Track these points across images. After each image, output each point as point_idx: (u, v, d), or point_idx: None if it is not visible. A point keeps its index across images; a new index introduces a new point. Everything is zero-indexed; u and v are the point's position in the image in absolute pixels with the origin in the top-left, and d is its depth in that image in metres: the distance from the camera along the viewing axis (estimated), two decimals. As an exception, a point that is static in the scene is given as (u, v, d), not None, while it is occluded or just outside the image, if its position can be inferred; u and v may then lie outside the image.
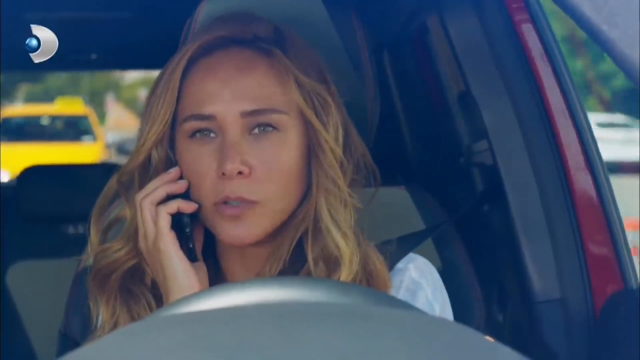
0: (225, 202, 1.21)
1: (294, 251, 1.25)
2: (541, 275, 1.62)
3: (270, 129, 1.22)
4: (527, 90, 1.67)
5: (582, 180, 1.64)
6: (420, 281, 1.30)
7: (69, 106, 15.38)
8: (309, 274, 1.25)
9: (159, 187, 1.24)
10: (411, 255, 1.34)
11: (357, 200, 1.26)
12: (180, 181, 1.24)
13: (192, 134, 1.23)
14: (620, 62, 0.88)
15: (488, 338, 0.78)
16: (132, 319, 1.27)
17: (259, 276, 1.26)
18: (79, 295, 1.57)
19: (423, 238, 1.49)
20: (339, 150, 1.24)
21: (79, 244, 1.65)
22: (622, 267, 1.62)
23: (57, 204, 3.07)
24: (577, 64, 20.28)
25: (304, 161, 1.25)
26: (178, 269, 1.22)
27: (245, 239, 1.22)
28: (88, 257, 1.60)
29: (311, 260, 1.24)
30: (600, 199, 1.63)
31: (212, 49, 1.25)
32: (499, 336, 1.66)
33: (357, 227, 1.26)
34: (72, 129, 14.06)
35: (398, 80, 2.27)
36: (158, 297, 1.28)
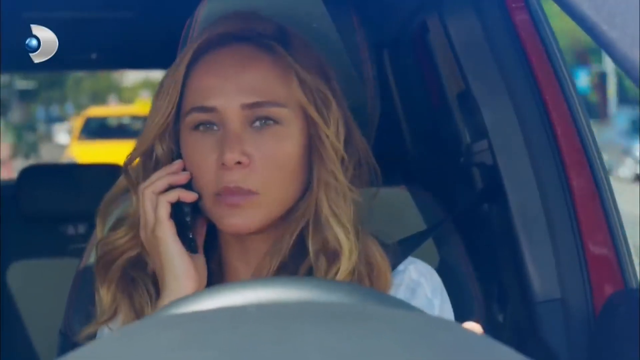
0: (225, 194, 1.23)
1: (295, 245, 1.27)
2: (541, 275, 1.62)
3: (271, 122, 1.25)
4: (527, 90, 1.67)
5: (582, 180, 1.64)
6: (420, 280, 1.32)
7: (148, 107, 15.87)
8: (309, 267, 1.27)
9: (161, 177, 1.27)
10: (411, 258, 1.35)
11: (357, 194, 1.28)
12: (183, 172, 1.26)
13: (195, 127, 1.26)
14: (620, 62, 0.88)
15: (488, 338, 0.78)
16: (132, 307, 1.29)
17: (260, 269, 1.28)
18: (80, 295, 1.57)
19: (423, 239, 1.49)
20: (339, 146, 1.26)
21: (79, 243, 1.65)
22: (622, 267, 1.62)
23: (57, 204, 3.07)
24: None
25: (304, 155, 1.27)
26: (174, 256, 1.24)
27: (244, 228, 1.24)
28: (92, 251, 1.60)
29: (312, 253, 1.26)
30: (600, 198, 1.63)
31: (215, 45, 1.28)
32: (499, 336, 1.66)
33: (358, 221, 1.28)
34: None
35: (398, 80, 2.27)
36: (158, 284, 1.30)
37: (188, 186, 1.27)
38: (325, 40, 1.43)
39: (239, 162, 1.22)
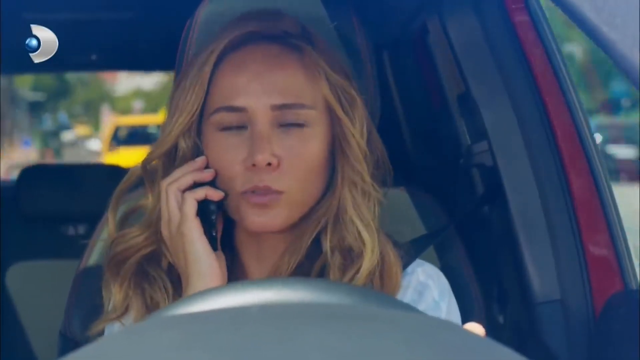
0: (252, 193, 1.23)
1: (311, 243, 1.27)
2: (541, 276, 1.62)
3: (299, 123, 1.25)
4: (527, 91, 1.67)
5: (581, 181, 1.64)
6: (427, 282, 1.32)
7: None
8: (322, 266, 1.27)
9: (186, 174, 1.26)
10: (419, 261, 1.36)
11: (381, 194, 1.29)
12: (207, 170, 1.26)
13: (222, 127, 1.26)
14: (620, 63, 0.88)
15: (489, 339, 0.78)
16: (145, 303, 1.29)
17: (276, 268, 1.28)
18: (80, 295, 1.57)
19: (428, 242, 1.49)
20: (364, 144, 1.28)
21: (79, 244, 1.65)
22: (622, 267, 1.62)
23: (57, 204, 3.07)
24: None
25: (328, 154, 1.27)
26: (201, 255, 1.24)
27: (269, 226, 1.24)
28: (92, 251, 1.60)
29: (329, 252, 1.26)
30: (600, 199, 1.63)
31: (242, 43, 1.28)
32: (499, 337, 1.66)
33: (378, 221, 1.28)
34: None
35: (398, 80, 2.27)
36: (174, 281, 1.30)
37: (211, 184, 1.26)
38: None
39: (269, 164, 1.22)
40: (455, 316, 1.33)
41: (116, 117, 19.60)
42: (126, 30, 2.69)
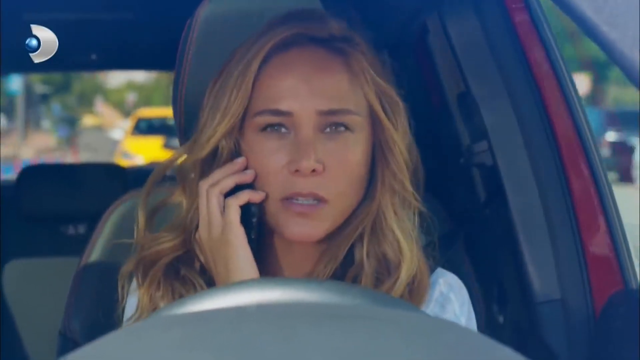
0: (294, 199, 1.20)
1: (344, 256, 1.24)
2: (541, 276, 1.62)
3: (343, 128, 1.23)
4: (527, 91, 1.67)
5: (582, 181, 1.64)
6: (449, 295, 1.30)
7: None
8: (358, 275, 1.24)
9: (227, 177, 1.23)
10: (440, 270, 1.33)
11: (422, 204, 1.26)
12: (248, 171, 1.23)
13: (264, 128, 1.23)
14: (620, 63, 0.88)
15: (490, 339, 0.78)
16: None
17: (312, 275, 1.25)
18: (79, 295, 1.57)
19: (447, 249, 1.48)
20: (405, 152, 1.26)
21: (79, 243, 1.65)
22: (622, 267, 1.62)
23: (57, 204, 3.07)
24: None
25: (370, 161, 1.25)
26: (246, 263, 1.20)
27: (310, 237, 1.22)
28: (92, 251, 1.59)
29: (365, 260, 1.23)
30: (600, 199, 1.63)
31: (288, 45, 1.25)
32: (499, 337, 1.66)
33: (417, 231, 1.26)
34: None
35: (398, 80, 2.26)
36: (207, 282, 1.27)
37: (250, 186, 1.23)
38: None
39: (313, 170, 1.19)
40: (472, 328, 1.32)
41: (140, 110, 20.87)
42: (126, 30, 2.69)
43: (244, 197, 1.22)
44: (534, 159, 1.65)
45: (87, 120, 29.29)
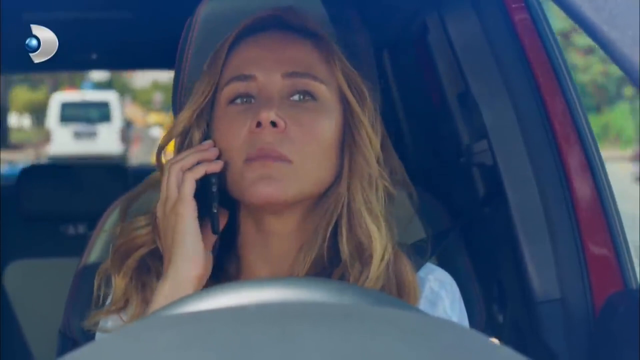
0: (258, 158, 1.20)
1: (329, 247, 1.23)
2: (541, 276, 1.62)
3: (309, 98, 1.23)
4: (527, 90, 1.67)
5: (581, 180, 1.64)
6: (440, 292, 1.30)
7: None
8: (344, 268, 1.22)
9: (191, 154, 1.23)
10: (431, 266, 1.33)
11: (390, 185, 1.26)
12: (213, 148, 1.23)
13: (232, 100, 1.24)
14: (620, 63, 0.88)
15: (491, 339, 0.78)
16: (145, 298, 1.26)
17: (292, 268, 1.24)
18: (79, 294, 1.57)
19: (437, 245, 1.48)
20: (374, 137, 1.25)
21: (79, 243, 1.65)
22: (622, 267, 1.62)
23: (57, 204, 3.07)
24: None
25: (339, 138, 1.25)
26: (190, 235, 1.20)
27: (275, 197, 1.20)
28: (92, 251, 1.60)
29: (347, 254, 1.22)
30: (600, 198, 1.63)
31: (259, 29, 1.28)
32: (499, 336, 1.66)
33: (391, 222, 1.25)
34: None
35: (398, 80, 2.27)
36: None
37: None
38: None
39: (274, 124, 1.19)
40: (464, 324, 1.31)
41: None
42: (126, 30, 2.69)
43: (200, 169, 1.22)
44: (534, 158, 1.65)
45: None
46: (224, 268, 1.28)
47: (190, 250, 1.20)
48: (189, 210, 1.20)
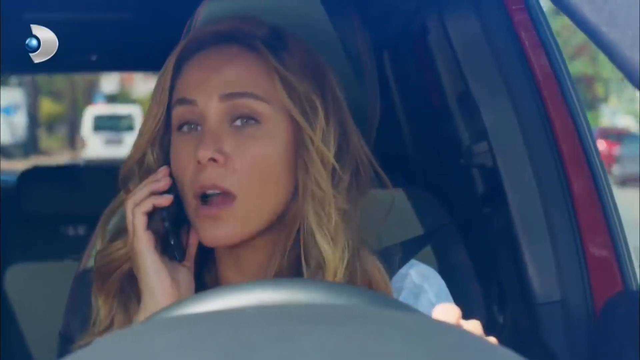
0: (203, 197, 1.18)
1: (292, 257, 1.22)
2: (541, 277, 1.62)
3: (253, 121, 1.20)
4: (527, 92, 1.67)
5: (582, 181, 1.64)
6: (423, 285, 1.28)
7: None
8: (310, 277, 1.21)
9: (142, 187, 1.21)
10: (412, 261, 1.31)
11: (345, 203, 1.21)
12: (164, 179, 1.21)
13: (180, 127, 1.22)
14: (620, 64, 0.88)
15: (491, 339, 0.78)
16: (129, 319, 1.25)
17: (257, 278, 1.23)
18: (79, 296, 1.57)
19: (426, 242, 1.48)
20: (327, 153, 1.20)
21: (79, 245, 1.65)
22: (622, 268, 1.62)
23: (57, 205, 3.07)
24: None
25: (288, 160, 1.21)
26: (149, 269, 1.19)
27: (224, 240, 1.19)
28: (91, 253, 1.60)
29: (305, 266, 1.20)
30: (600, 200, 1.63)
31: (203, 46, 1.25)
32: (499, 337, 1.66)
33: (355, 235, 1.21)
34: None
35: (398, 80, 2.27)
36: None
37: (173, 192, 1.21)
38: (325, 42, 1.42)
39: (213, 160, 1.17)
40: None
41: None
42: (126, 31, 2.69)
43: (147, 203, 1.19)
44: (534, 160, 1.65)
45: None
46: (205, 281, 1.28)
47: (153, 283, 1.19)
48: (143, 246, 1.19)
